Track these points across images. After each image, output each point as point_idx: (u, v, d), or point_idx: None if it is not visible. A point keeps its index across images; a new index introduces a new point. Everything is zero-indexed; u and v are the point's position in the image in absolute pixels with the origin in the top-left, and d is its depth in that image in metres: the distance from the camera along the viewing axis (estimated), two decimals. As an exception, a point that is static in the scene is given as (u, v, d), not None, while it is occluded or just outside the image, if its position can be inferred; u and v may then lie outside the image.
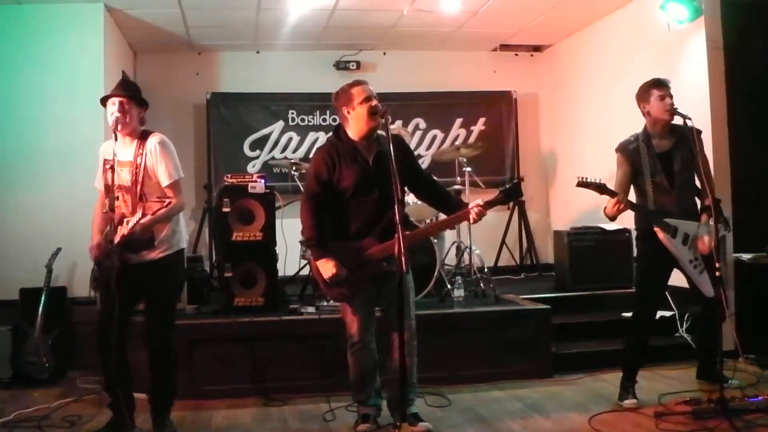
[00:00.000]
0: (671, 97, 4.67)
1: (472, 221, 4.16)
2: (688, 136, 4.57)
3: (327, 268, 4.09)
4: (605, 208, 4.58)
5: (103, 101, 4.17)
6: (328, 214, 4.23)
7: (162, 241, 4.13)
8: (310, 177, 4.30)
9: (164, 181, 4.11)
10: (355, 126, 4.20)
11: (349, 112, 4.20)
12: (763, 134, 6.15)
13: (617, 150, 4.83)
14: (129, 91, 4.19)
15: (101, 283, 4.11)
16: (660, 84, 4.71)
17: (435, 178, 4.67)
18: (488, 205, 4.12)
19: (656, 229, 4.60)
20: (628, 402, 4.67)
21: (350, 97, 4.19)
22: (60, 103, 6.41)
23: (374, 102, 4.16)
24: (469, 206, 4.15)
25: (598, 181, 4.48)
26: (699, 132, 4.74)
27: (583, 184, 4.44)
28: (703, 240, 4.63)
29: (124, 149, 4.12)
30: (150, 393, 4.26)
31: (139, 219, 3.89)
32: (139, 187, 4.06)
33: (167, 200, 3.95)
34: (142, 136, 4.15)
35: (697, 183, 4.80)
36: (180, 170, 4.20)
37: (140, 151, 4.09)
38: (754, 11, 6.17)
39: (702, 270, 4.66)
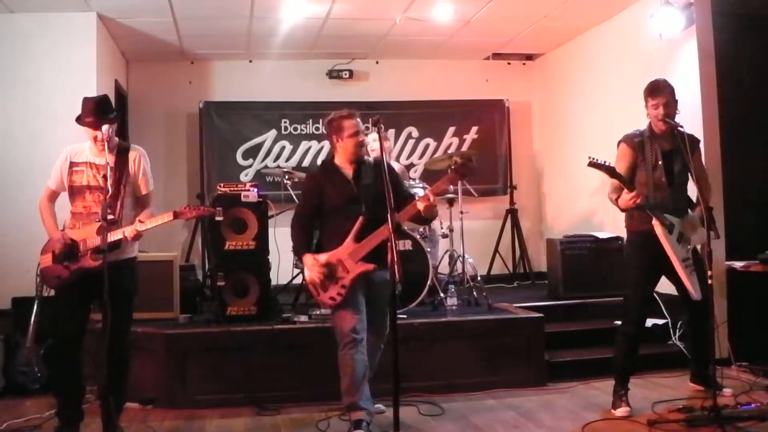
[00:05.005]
0: (665, 105, 4.61)
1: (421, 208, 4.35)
2: (686, 143, 4.56)
3: (310, 263, 4.38)
4: (617, 198, 4.53)
5: (80, 122, 4.24)
6: (319, 230, 4.61)
7: (131, 242, 4.27)
8: (302, 198, 4.73)
9: (148, 189, 4.40)
10: (342, 154, 4.58)
11: (338, 141, 4.55)
12: (754, 143, 6.19)
13: (622, 141, 4.79)
14: (109, 113, 4.29)
15: (65, 287, 4.22)
16: (653, 93, 4.68)
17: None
18: (438, 186, 4.41)
19: (655, 222, 4.54)
20: (621, 410, 4.66)
21: (341, 129, 4.52)
22: (52, 112, 6.38)
23: (361, 137, 4.54)
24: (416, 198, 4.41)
25: (608, 164, 4.44)
26: (697, 141, 4.74)
27: (594, 164, 4.40)
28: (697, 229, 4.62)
29: (102, 157, 4.21)
30: (105, 396, 4.20)
31: (141, 221, 4.12)
32: (122, 192, 4.23)
33: (148, 207, 4.36)
34: (121, 147, 4.35)
35: (690, 190, 4.81)
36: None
37: (123, 159, 4.28)
38: (746, 20, 6.22)
39: (692, 271, 4.64)
